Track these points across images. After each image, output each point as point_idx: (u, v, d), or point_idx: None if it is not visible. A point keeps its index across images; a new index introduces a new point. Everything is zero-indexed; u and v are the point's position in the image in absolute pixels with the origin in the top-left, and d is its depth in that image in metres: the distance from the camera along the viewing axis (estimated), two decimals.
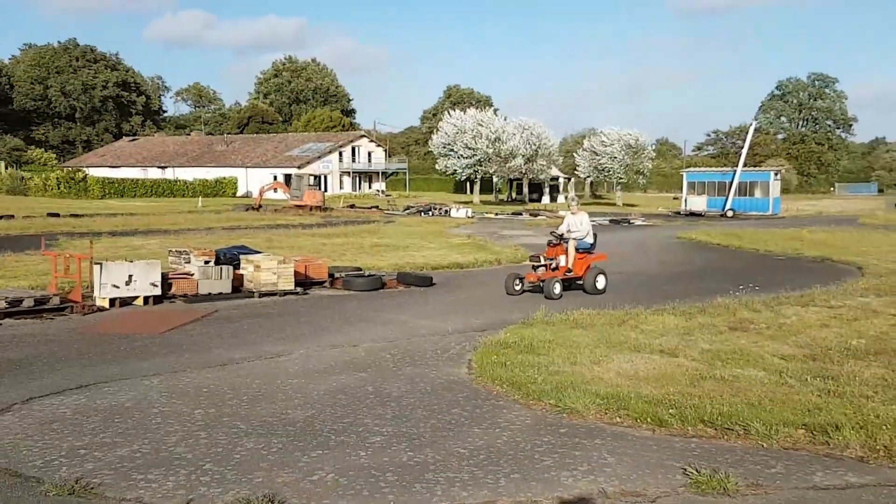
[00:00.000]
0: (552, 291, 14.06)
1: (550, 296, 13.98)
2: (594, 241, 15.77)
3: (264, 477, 5.52)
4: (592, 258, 15.55)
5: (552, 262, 14.97)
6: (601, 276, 15.20)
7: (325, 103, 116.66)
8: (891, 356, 9.27)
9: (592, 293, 14.72)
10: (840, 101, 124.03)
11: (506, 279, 14.82)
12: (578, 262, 15.18)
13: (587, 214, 15.92)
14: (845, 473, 5.70)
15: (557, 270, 14.91)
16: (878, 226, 38.88)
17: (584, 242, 15.45)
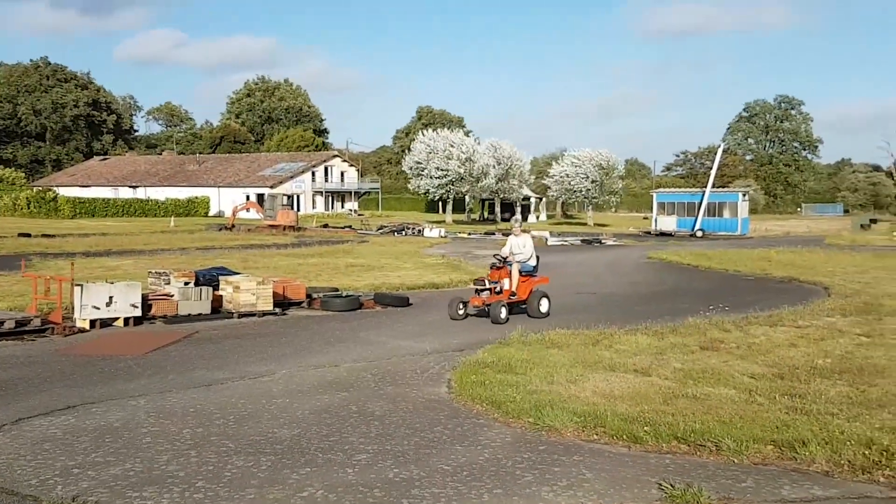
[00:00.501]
0: (498, 316, 13.81)
1: (497, 320, 13.74)
2: (536, 264, 15.59)
3: (256, 494, 5.70)
4: (536, 281, 15.33)
5: (496, 285, 14.63)
6: (544, 299, 15.01)
7: (297, 123, 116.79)
8: (855, 375, 9.62)
9: (536, 317, 14.51)
10: (806, 123, 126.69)
11: (449, 303, 14.43)
12: (522, 285, 14.93)
13: (530, 237, 15.83)
14: (812, 487, 5.99)
15: (502, 294, 14.57)
16: (844, 246, 39.73)
17: (527, 265, 15.23)
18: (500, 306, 13.94)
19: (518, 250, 15.03)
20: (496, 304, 13.99)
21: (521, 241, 15.20)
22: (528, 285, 15.01)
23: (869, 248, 38.05)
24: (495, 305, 13.96)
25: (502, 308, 13.95)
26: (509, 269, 14.76)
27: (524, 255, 15.08)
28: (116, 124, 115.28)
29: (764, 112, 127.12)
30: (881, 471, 6.17)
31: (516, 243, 15.17)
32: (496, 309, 13.88)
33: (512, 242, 15.27)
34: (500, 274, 14.72)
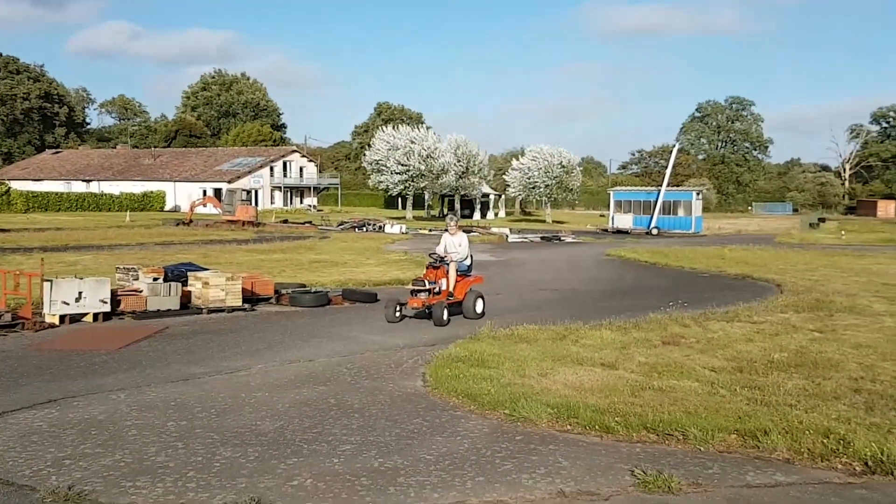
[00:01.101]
0: (441, 318, 13.27)
1: (440, 322, 13.23)
2: (471, 263, 15.11)
3: (247, 483, 5.88)
4: (471, 281, 14.77)
5: (435, 285, 13.95)
6: (479, 299, 14.44)
7: (255, 117, 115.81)
8: (810, 368, 10.06)
9: (471, 317, 13.98)
10: (756, 124, 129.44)
11: (385, 304, 13.71)
12: (458, 285, 14.36)
13: (466, 235, 15.02)
14: (774, 473, 6.36)
15: (440, 294, 13.99)
16: (793, 244, 40.87)
17: (462, 264, 14.63)
18: (443, 308, 13.39)
19: (453, 249, 14.40)
20: (439, 306, 13.41)
21: (457, 240, 14.50)
22: (464, 285, 14.43)
23: (818, 247, 39.21)
24: (438, 307, 13.39)
25: (444, 309, 13.40)
26: (447, 269, 14.16)
27: (460, 255, 14.46)
28: (69, 117, 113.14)
29: (716, 112, 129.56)
30: (839, 458, 6.56)
31: (451, 242, 14.51)
32: (439, 311, 13.32)
33: (447, 241, 14.56)
34: (437, 274, 14.09)
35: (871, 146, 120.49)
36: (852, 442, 6.71)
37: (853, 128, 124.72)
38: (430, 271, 14.13)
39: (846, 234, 52.18)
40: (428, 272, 14.14)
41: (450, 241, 14.52)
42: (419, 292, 13.74)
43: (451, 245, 14.45)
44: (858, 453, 6.53)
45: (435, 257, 14.30)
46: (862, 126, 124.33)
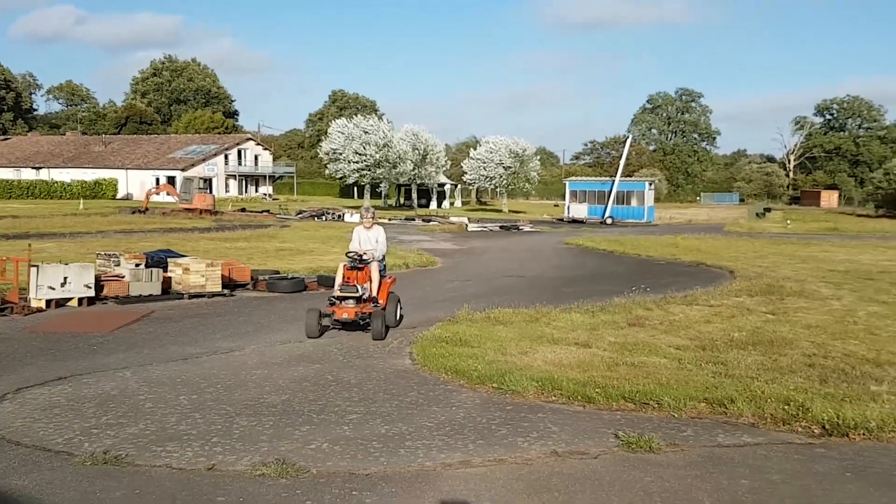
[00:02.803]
0: (381, 330, 11.14)
1: (381, 336, 11.09)
2: (385, 262, 12.82)
3: (268, 447, 6.40)
4: (389, 283, 12.34)
5: (364, 291, 11.50)
6: (398, 303, 12.31)
7: (206, 104, 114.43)
8: (767, 346, 10.85)
9: (394, 326, 11.94)
10: (705, 115, 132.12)
11: (307, 318, 11.23)
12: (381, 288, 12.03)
13: (382, 229, 12.52)
14: (742, 435, 7.07)
15: (368, 301, 11.61)
16: (742, 233, 42.28)
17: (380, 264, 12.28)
18: (382, 318, 11.28)
19: (369, 245, 12.07)
20: (378, 316, 11.21)
21: (373, 235, 12.23)
22: (385, 288, 12.07)
23: (765, 236, 40.67)
24: (377, 318, 11.17)
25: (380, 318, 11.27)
26: (370, 271, 11.75)
27: (379, 252, 12.13)
28: (16, 103, 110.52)
29: (666, 104, 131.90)
30: (798, 422, 7.29)
31: (367, 237, 12.22)
32: (379, 323, 11.14)
33: (361, 236, 12.28)
34: (361, 276, 11.62)
35: (815, 138, 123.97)
36: (810, 408, 7.45)
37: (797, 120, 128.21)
38: (350, 273, 11.61)
39: (791, 223, 53.99)
40: (346, 273, 11.62)
41: (364, 236, 12.26)
42: (347, 299, 11.43)
43: (367, 241, 12.16)
44: (816, 418, 7.27)
45: (353, 256, 11.67)
46: (806, 118, 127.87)
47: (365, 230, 12.35)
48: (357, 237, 12.34)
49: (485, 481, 5.81)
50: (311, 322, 11.16)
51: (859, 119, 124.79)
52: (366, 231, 12.34)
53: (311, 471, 5.91)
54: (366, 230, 12.34)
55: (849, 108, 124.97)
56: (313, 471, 5.92)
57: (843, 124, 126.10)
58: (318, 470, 5.94)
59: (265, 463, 5.96)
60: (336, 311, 11.36)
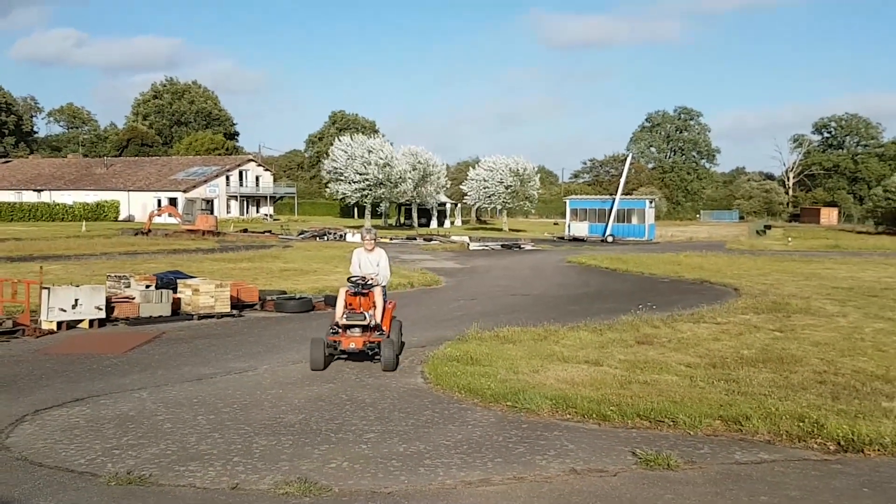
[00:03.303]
0: (392, 361, 10.38)
1: (392, 366, 10.35)
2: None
3: (289, 465, 6.45)
4: (390, 309, 11.39)
5: (370, 318, 10.60)
6: (400, 330, 11.57)
7: (207, 126, 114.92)
8: (776, 364, 10.91)
9: (398, 353, 10.98)
10: (704, 133, 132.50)
11: (311, 349, 10.38)
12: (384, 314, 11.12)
13: (384, 251, 11.63)
14: (758, 452, 7.12)
15: (373, 330, 10.72)
16: (744, 251, 42.32)
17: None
18: (390, 347, 10.48)
19: (371, 269, 11.17)
20: (388, 345, 10.43)
21: (375, 258, 11.29)
22: (388, 315, 11.15)
23: (767, 253, 40.73)
24: (388, 347, 10.39)
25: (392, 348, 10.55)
26: (374, 295, 10.86)
27: (382, 278, 11.27)
28: (17, 126, 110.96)
29: (665, 122, 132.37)
30: (814, 439, 7.35)
31: (368, 261, 11.29)
32: (390, 351, 10.40)
33: (362, 259, 11.35)
34: (365, 302, 10.74)
35: (813, 155, 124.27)
36: (825, 425, 7.50)
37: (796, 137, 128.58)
38: (353, 299, 10.76)
39: (792, 240, 54.05)
40: (349, 299, 10.77)
41: (365, 259, 11.33)
42: (353, 328, 10.56)
43: (368, 264, 11.25)
44: (831, 434, 7.32)
45: (356, 280, 10.84)
46: (804, 136, 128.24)
47: (366, 253, 11.41)
48: (357, 260, 11.42)
49: (506, 499, 5.85)
50: (317, 354, 10.27)
51: (857, 136, 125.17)
52: (367, 254, 11.39)
53: (334, 489, 5.96)
54: (367, 253, 11.40)
55: (847, 126, 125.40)
56: (335, 489, 5.96)
57: (842, 142, 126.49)
58: (340, 489, 5.99)
59: (288, 482, 6.01)
60: (342, 340, 10.48)
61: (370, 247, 11.40)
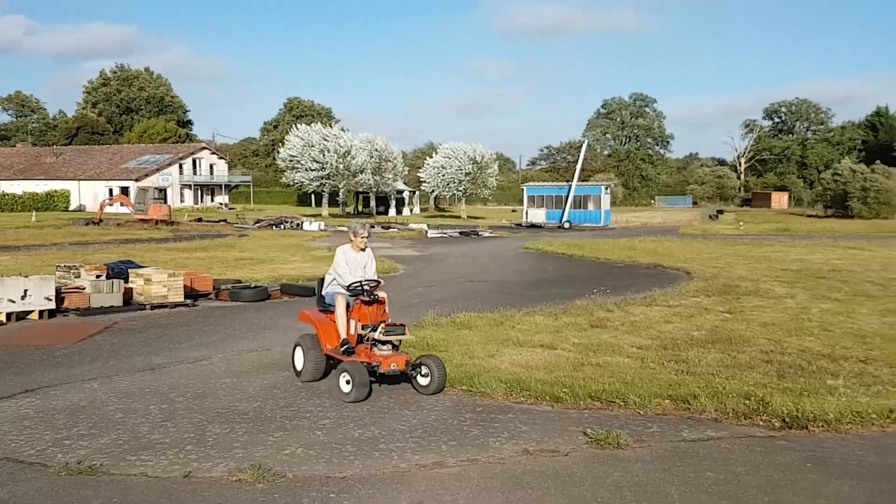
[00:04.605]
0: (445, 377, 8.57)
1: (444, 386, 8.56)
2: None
3: (243, 453, 6.44)
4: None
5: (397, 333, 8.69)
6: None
7: (159, 113, 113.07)
8: (725, 344, 11.14)
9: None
10: (658, 120, 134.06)
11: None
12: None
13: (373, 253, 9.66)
14: (706, 430, 7.29)
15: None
16: (696, 235, 43.01)
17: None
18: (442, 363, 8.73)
19: (359, 272, 9.19)
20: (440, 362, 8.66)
21: (364, 259, 9.37)
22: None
23: (719, 237, 41.44)
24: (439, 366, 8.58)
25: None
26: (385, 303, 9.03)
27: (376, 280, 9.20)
28: None
29: (620, 109, 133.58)
30: (759, 416, 7.54)
31: (357, 260, 9.28)
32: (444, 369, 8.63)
33: (352, 259, 9.26)
34: (375, 312, 8.84)
35: (764, 141, 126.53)
36: (770, 403, 7.70)
37: (747, 123, 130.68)
38: (361, 309, 8.80)
39: (744, 224, 55.08)
40: (357, 311, 8.80)
41: (355, 259, 9.29)
42: (385, 343, 8.60)
43: (357, 265, 9.25)
44: (776, 412, 7.52)
45: (366, 287, 8.84)
46: (755, 121, 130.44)
47: (354, 252, 9.31)
48: (344, 261, 9.20)
49: (459, 481, 5.92)
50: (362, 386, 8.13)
51: (807, 122, 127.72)
52: (355, 253, 9.31)
53: (288, 475, 5.97)
54: (355, 252, 9.31)
55: (797, 112, 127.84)
56: (289, 475, 5.97)
57: (792, 127, 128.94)
58: (294, 474, 6.00)
59: (241, 469, 6.00)
60: (383, 361, 8.37)
61: (362, 245, 9.33)
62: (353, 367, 8.29)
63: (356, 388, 8.09)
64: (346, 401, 8.10)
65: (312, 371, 8.96)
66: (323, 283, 9.58)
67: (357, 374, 8.15)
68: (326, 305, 9.32)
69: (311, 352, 9.00)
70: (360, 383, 8.09)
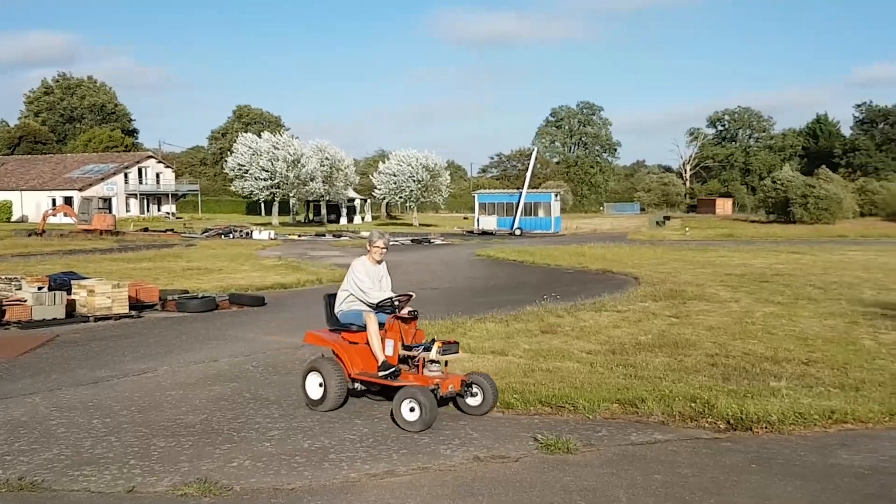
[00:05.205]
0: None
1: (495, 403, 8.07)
2: None
3: (189, 466, 6.32)
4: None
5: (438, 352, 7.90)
6: None
7: (104, 122, 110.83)
8: (672, 348, 11.31)
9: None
10: (606, 128, 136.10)
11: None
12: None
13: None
14: (653, 433, 7.38)
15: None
16: (644, 241, 43.66)
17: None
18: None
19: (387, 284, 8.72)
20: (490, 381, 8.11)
21: (380, 272, 8.71)
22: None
23: (666, 243, 42.16)
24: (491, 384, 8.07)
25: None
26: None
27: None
28: None
29: (568, 117, 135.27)
30: (705, 419, 7.66)
31: (375, 274, 8.59)
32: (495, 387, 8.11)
33: (371, 272, 8.52)
34: (409, 330, 8.25)
35: (708, 148, 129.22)
36: (715, 405, 7.83)
37: (692, 131, 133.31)
38: (396, 327, 8.10)
39: (690, 230, 56.09)
40: (392, 329, 8.09)
41: (374, 272, 8.58)
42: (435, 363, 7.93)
43: (374, 278, 8.54)
44: (721, 414, 7.65)
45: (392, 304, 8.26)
46: (700, 129, 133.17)
47: (373, 265, 8.59)
48: (365, 274, 8.42)
49: (410, 489, 5.89)
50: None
51: (749, 129, 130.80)
52: (374, 266, 8.58)
53: (235, 488, 5.88)
54: (371, 265, 8.58)
55: (739, 120, 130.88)
56: (237, 488, 5.88)
57: (735, 135, 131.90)
58: (241, 487, 5.91)
59: (186, 483, 5.89)
60: (441, 383, 7.72)
61: (379, 256, 8.62)
62: (420, 392, 7.39)
63: (426, 416, 7.29)
64: (410, 430, 7.31)
65: (336, 399, 7.98)
66: (333, 299, 8.67)
67: (427, 400, 7.32)
68: (342, 325, 8.42)
69: (336, 377, 7.96)
70: (430, 410, 7.31)
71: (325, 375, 8.02)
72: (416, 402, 7.33)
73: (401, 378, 7.86)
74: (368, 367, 8.09)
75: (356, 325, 8.24)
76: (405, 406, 7.40)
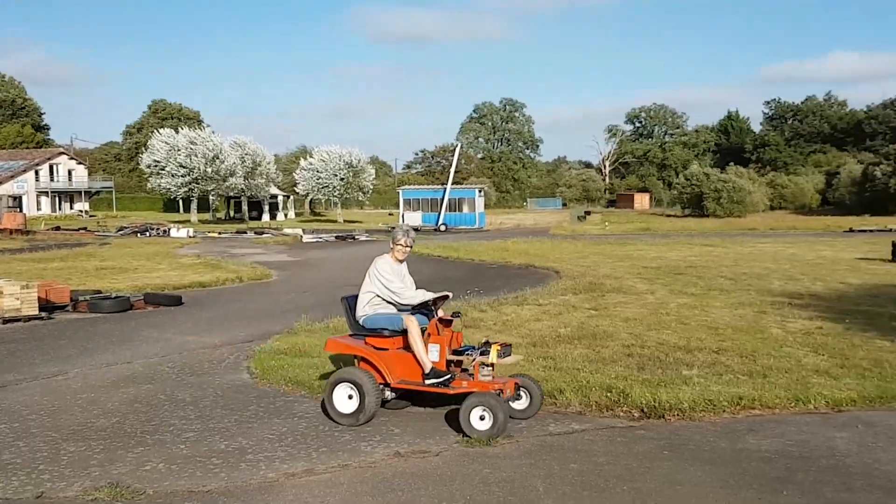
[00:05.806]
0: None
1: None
2: None
3: (100, 471, 6.14)
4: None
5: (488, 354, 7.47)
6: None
7: (12, 117, 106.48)
8: (590, 340, 11.52)
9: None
10: (528, 125, 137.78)
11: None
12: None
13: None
14: (570, 423, 7.51)
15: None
16: (566, 236, 44.39)
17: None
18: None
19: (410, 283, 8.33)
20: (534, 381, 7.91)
21: (405, 269, 8.43)
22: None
23: (587, 237, 42.94)
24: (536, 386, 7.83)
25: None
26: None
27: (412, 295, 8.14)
28: None
29: (491, 113, 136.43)
30: (620, 408, 7.84)
31: (399, 272, 8.20)
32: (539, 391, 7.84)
33: (396, 271, 8.14)
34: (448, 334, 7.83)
35: (625, 144, 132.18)
36: (630, 394, 8.02)
37: (610, 128, 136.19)
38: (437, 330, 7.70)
39: (609, 225, 57.32)
40: (436, 333, 7.67)
41: (398, 271, 8.20)
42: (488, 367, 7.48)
43: (399, 277, 8.16)
44: (635, 402, 7.84)
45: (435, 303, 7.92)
46: (618, 126, 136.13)
47: (396, 264, 8.18)
48: (392, 273, 8.00)
49: (330, 487, 5.86)
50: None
51: (665, 126, 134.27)
52: (397, 265, 8.19)
53: (148, 492, 5.74)
54: (395, 264, 8.16)
55: (655, 117, 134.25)
56: (150, 492, 5.74)
57: (651, 131, 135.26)
58: (154, 490, 5.77)
59: (97, 487, 5.73)
60: (503, 388, 7.40)
61: (402, 255, 8.24)
62: (490, 399, 7.00)
63: (500, 424, 6.89)
64: (478, 437, 6.90)
65: (374, 410, 7.44)
66: (354, 301, 8.17)
67: (500, 407, 6.94)
68: (368, 330, 7.90)
69: (372, 387, 7.41)
70: (503, 418, 6.91)
71: (361, 386, 7.42)
72: (488, 411, 6.92)
73: (453, 385, 7.43)
74: (408, 375, 7.57)
75: (388, 331, 7.73)
76: (474, 415, 6.99)
